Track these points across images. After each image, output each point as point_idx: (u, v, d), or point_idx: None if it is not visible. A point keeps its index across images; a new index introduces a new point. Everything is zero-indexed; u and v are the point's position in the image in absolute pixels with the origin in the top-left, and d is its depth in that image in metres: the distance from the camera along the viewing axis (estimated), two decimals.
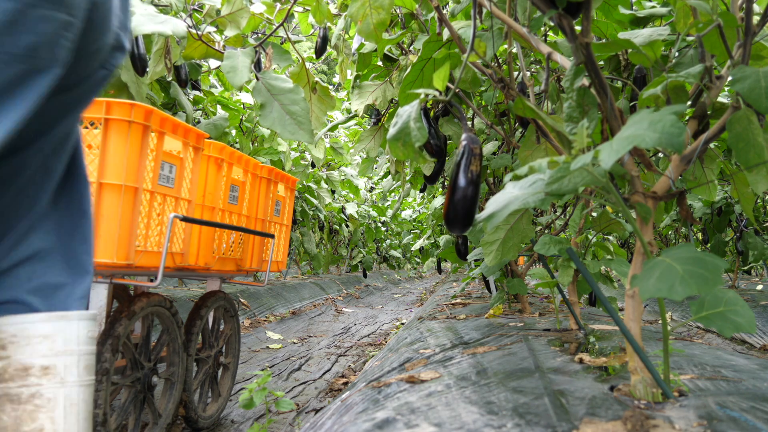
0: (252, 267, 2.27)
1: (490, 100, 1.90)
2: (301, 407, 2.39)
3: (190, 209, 1.81)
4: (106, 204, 1.49)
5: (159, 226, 1.65)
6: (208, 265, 1.97)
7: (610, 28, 1.45)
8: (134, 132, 1.50)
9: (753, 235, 4.27)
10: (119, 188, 1.50)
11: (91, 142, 1.51)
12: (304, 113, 1.86)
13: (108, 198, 1.49)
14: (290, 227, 2.68)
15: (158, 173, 1.61)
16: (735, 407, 0.86)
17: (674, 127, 0.63)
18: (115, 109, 1.48)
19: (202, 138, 1.82)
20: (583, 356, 1.33)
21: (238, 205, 2.13)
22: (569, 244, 1.50)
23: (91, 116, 1.50)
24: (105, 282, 1.61)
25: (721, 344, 3.52)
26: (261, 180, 2.28)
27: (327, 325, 5.11)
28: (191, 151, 1.78)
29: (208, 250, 1.97)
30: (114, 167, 1.48)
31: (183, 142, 1.73)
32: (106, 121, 1.49)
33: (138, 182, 1.53)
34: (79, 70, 0.99)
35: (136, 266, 1.58)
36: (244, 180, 2.17)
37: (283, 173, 2.51)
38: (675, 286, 0.69)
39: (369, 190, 9.35)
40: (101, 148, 1.48)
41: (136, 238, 1.55)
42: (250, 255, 2.26)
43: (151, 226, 1.62)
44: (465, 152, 1.03)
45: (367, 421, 0.95)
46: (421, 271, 17.22)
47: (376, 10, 1.62)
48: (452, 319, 2.63)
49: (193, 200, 1.82)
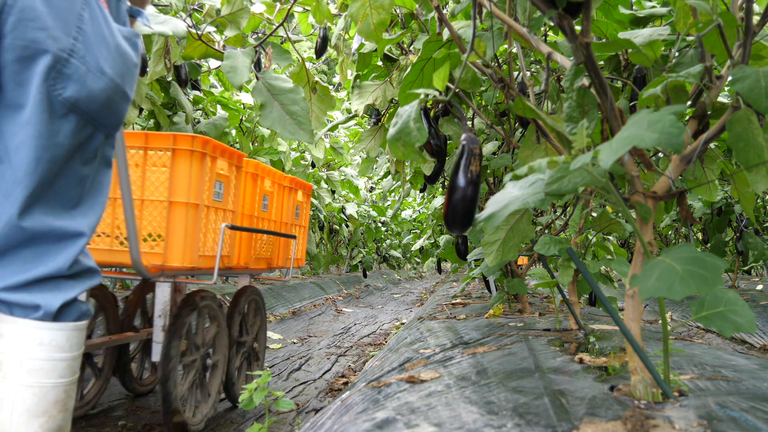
0: (279, 264, 2.62)
1: (490, 100, 1.90)
2: (301, 407, 2.39)
3: (234, 218, 2.12)
4: (175, 218, 1.81)
5: (213, 234, 1.98)
6: (247, 265, 2.29)
7: (610, 28, 1.45)
8: (195, 159, 1.82)
9: (753, 235, 4.27)
10: (185, 205, 1.81)
11: (162, 164, 1.85)
12: (304, 113, 1.86)
13: (176, 213, 1.81)
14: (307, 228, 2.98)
15: (212, 190, 1.94)
16: (735, 407, 0.86)
17: (674, 127, 0.63)
18: (180, 141, 1.80)
19: (242, 158, 2.14)
20: (583, 356, 1.33)
21: (268, 212, 2.48)
22: (569, 244, 1.50)
23: (160, 146, 1.82)
24: (169, 281, 1.94)
25: (721, 344, 3.52)
26: (284, 189, 2.64)
27: (327, 325, 5.11)
28: (234, 169, 2.10)
29: (248, 252, 2.30)
30: (180, 189, 1.81)
31: (228, 162, 2.04)
32: (174, 151, 1.80)
33: (199, 199, 1.85)
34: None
35: (198, 268, 1.91)
36: (272, 190, 2.51)
37: (302, 181, 2.82)
38: (675, 286, 0.69)
39: (369, 190, 9.35)
40: (170, 173, 1.81)
41: (199, 245, 1.87)
42: (278, 254, 2.62)
43: (207, 235, 1.94)
44: (465, 152, 1.03)
45: (367, 421, 0.95)
46: (421, 271, 17.22)
47: (376, 10, 1.62)
48: (452, 319, 2.63)
49: (236, 210, 2.14)
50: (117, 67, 1.15)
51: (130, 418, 2.14)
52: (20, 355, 1.10)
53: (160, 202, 1.82)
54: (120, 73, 1.16)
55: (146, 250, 1.81)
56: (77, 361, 1.19)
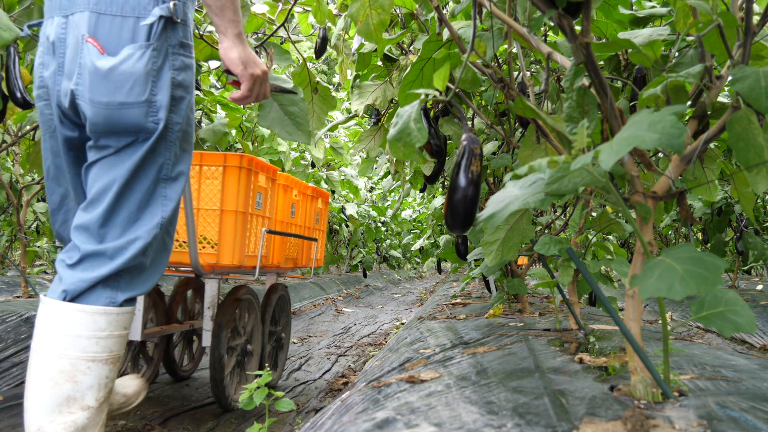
0: (303, 264, 2.96)
1: (490, 100, 1.90)
2: (301, 407, 2.39)
3: (271, 224, 2.46)
4: (226, 224, 2.12)
5: (254, 238, 2.28)
6: (279, 264, 2.63)
7: (610, 28, 1.45)
8: (242, 174, 2.14)
9: (753, 235, 4.27)
10: (234, 213, 2.12)
11: (215, 178, 2.16)
12: (302, 114, 1.86)
13: (227, 220, 2.12)
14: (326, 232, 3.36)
15: (255, 200, 2.24)
16: (735, 407, 0.86)
17: (674, 128, 0.63)
18: (230, 159, 2.13)
19: (276, 171, 2.47)
20: (583, 356, 1.33)
21: (295, 218, 2.82)
22: (569, 244, 1.50)
23: (213, 163, 2.14)
24: (217, 278, 2.25)
25: (721, 344, 3.52)
26: (307, 197, 2.97)
27: (327, 325, 5.10)
28: (270, 182, 2.42)
29: (280, 253, 2.64)
30: (230, 199, 2.13)
31: (266, 176, 2.35)
32: (224, 168, 2.12)
33: (245, 208, 2.16)
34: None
35: (243, 266, 2.21)
36: (298, 198, 2.84)
37: (321, 190, 3.14)
38: (675, 286, 0.69)
39: (369, 190, 9.34)
40: (222, 186, 2.12)
41: (245, 247, 2.18)
42: (302, 255, 2.96)
43: (251, 238, 2.24)
44: (465, 152, 1.03)
45: (367, 421, 0.95)
46: (421, 271, 17.21)
47: (376, 10, 1.62)
48: (452, 319, 2.63)
49: (272, 217, 2.48)
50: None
51: (130, 418, 2.15)
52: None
53: (213, 211, 2.14)
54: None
55: (201, 251, 2.10)
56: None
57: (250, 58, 1.43)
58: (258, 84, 1.46)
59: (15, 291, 4.63)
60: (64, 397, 1.27)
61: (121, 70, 1.29)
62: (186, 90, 1.39)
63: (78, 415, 1.28)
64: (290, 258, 2.78)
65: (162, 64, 1.32)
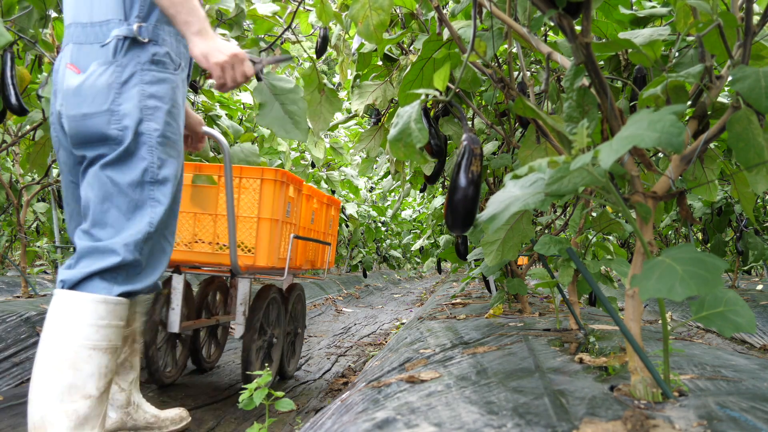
0: (318, 266, 3.22)
1: (490, 100, 1.90)
2: (301, 407, 2.39)
3: (297, 230, 2.73)
4: (262, 230, 2.39)
5: (284, 242, 2.55)
6: (301, 265, 2.89)
7: (610, 28, 1.45)
8: (277, 186, 2.42)
9: (753, 235, 4.27)
10: (269, 221, 2.40)
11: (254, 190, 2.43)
12: (301, 112, 1.86)
13: (263, 227, 2.40)
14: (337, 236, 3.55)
15: (285, 209, 2.50)
16: (735, 407, 0.86)
17: (674, 127, 0.63)
18: (267, 174, 2.40)
19: (302, 183, 2.73)
20: (583, 356, 1.33)
21: (314, 224, 3.08)
22: (569, 244, 1.50)
23: (251, 176, 2.40)
24: (249, 277, 2.57)
25: (721, 344, 3.52)
26: (323, 205, 3.24)
27: (327, 325, 5.11)
28: (297, 192, 2.69)
29: (303, 256, 2.90)
30: (267, 208, 2.41)
31: (294, 187, 2.62)
32: (262, 181, 2.40)
33: (278, 216, 2.43)
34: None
35: (275, 268, 2.48)
36: (317, 207, 3.11)
37: (334, 198, 3.42)
38: (675, 287, 0.69)
39: (369, 190, 9.34)
40: (259, 197, 2.40)
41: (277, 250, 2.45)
42: (318, 258, 3.22)
43: (282, 243, 2.52)
44: (465, 152, 1.03)
45: (367, 421, 0.95)
46: (421, 271, 17.21)
47: (376, 11, 1.62)
48: (452, 319, 2.63)
49: (298, 224, 2.74)
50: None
51: None
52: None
53: (251, 218, 2.40)
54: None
55: (240, 254, 2.36)
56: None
57: (210, 48, 1.47)
58: (229, 68, 1.51)
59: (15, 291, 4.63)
60: (66, 385, 1.35)
61: (87, 85, 1.44)
62: (161, 100, 1.49)
63: (80, 404, 1.36)
64: (309, 260, 3.07)
65: (128, 78, 1.45)
